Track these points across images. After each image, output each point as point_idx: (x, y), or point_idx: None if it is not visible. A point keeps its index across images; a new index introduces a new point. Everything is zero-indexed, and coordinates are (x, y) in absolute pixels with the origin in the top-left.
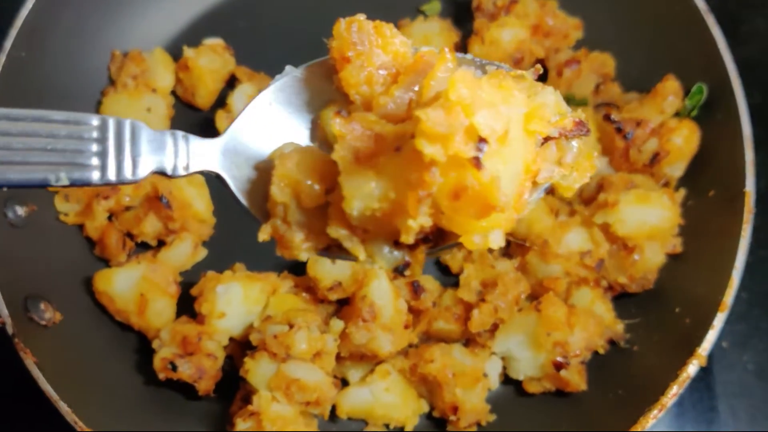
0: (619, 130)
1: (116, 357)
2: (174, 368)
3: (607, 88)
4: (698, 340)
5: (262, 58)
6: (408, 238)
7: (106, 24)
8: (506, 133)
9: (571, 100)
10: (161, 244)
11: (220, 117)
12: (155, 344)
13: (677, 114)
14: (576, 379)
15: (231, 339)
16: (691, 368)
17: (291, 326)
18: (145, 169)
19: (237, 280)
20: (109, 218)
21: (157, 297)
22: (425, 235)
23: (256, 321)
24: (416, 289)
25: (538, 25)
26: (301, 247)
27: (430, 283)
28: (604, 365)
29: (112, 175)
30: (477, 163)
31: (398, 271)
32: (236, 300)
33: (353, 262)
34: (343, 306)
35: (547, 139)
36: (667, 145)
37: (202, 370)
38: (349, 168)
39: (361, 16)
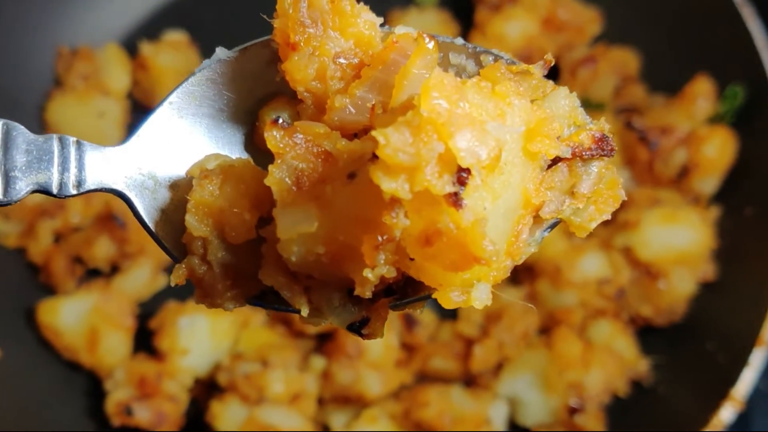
0: (642, 138)
1: (63, 400)
2: (130, 413)
3: (629, 91)
4: (733, 381)
5: None
6: (364, 292)
7: (51, 17)
8: (497, 158)
9: (586, 105)
10: (115, 270)
11: None
12: (108, 385)
13: (710, 120)
14: (593, 426)
15: (196, 379)
16: (726, 413)
17: (265, 364)
18: (21, 187)
19: (202, 311)
20: (56, 240)
21: (111, 331)
22: (388, 285)
23: (224, 358)
24: (409, 322)
25: (549, 18)
26: (225, 294)
27: (426, 315)
28: (625, 409)
29: None
30: (455, 201)
31: (354, 329)
32: (202, 334)
33: None
34: (325, 341)
35: (556, 160)
36: (698, 156)
37: (162, 416)
38: (287, 198)
39: None
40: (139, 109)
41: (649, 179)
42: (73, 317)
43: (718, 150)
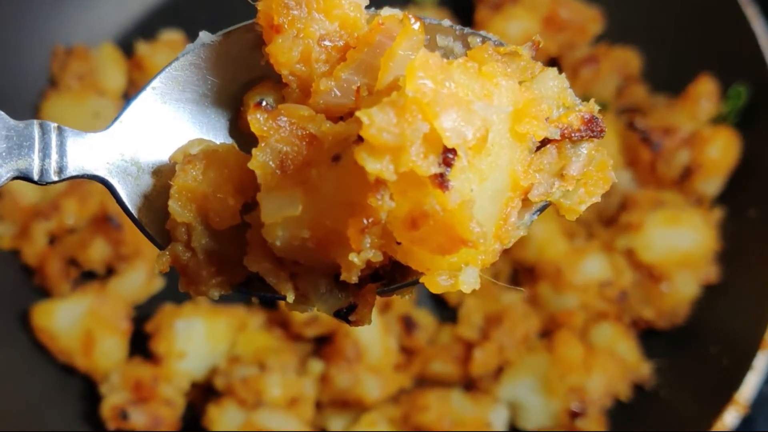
0: (644, 139)
1: (58, 404)
2: (125, 417)
3: (631, 91)
4: (737, 385)
5: None
6: (350, 277)
7: (46, 16)
8: (484, 138)
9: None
10: (111, 272)
11: None
12: (104, 389)
13: (713, 121)
14: (594, 430)
15: (192, 383)
16: (729, 417)
17: (262, 368)
18: (1, 174)
19: (199, 314)
20: (50, 242)
21: (106, 334)
22: (375, 270)
23: (221, 362)
24: (408, 325)
25: (550, 17)
26: (210, 281)
27: (425, 318)
28: (628, 413)
29: None
30: (441, 182)
31: (340, 316)
32: (198, 337)
33: None
34: (323, 344)
35: (544, 142)
36: (701, 157)
37: (158, 420)
38: (272, 182)
39: None
40: None
41: (651, 180)
42: (68, 320)
43: (722, 151)
